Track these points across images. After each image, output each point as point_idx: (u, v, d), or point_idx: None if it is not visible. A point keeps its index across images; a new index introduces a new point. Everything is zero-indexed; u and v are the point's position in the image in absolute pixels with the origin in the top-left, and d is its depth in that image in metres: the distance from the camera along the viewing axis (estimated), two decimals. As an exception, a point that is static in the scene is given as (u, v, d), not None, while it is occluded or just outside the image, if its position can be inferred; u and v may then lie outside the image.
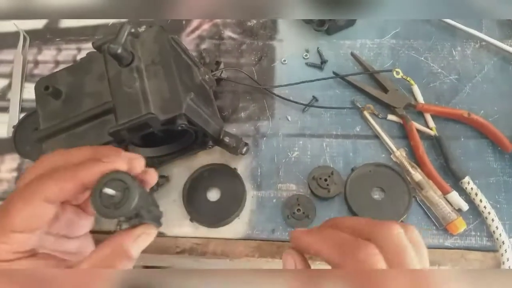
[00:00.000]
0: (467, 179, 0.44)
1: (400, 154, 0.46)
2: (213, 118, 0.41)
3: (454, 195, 0.44)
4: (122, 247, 0.28)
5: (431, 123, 0.48)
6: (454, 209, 0.44)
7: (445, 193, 0.44)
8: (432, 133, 0.47)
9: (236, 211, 0.45)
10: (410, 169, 0.45)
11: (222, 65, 0.50)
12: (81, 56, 0.55)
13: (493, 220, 0.43)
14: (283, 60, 0.53)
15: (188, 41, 0.54)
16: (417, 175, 0.45)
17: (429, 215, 0.44)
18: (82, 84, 0.38)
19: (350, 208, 0.45)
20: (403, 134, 0.48)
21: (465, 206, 0.44)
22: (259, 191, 0.47)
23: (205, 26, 0.55)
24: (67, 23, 0.57)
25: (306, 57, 0.53)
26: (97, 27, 0.56)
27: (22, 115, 0.52)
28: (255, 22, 0.55)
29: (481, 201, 0.43)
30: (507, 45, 0.51)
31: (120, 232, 0.30)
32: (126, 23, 0.35)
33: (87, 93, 0.38)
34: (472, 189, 0.44)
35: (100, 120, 0.36)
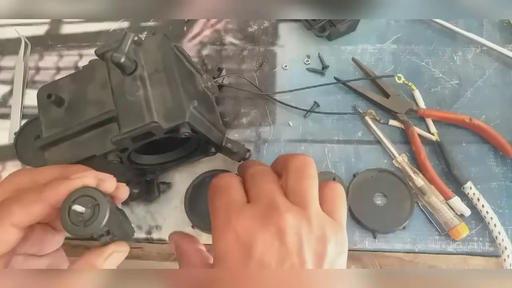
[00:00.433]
0: (469, 184, 0.45)
1: (402, 160, 0.46)
2: (216, 125, 0.41)
3: (456, 201, 0.44)
4: (94, 266, 0.28)
5: (432, 128, 0.48)
6: (456, 214, 0.44)
7: (447, 198, 0.44)
8: (434, 138, 0.47)
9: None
10: (412, 174, 0.45)
11: (224, 72, 0.50)
12: (82, 62, 0.55)
13: (495, 225, 0.43)
14: (284, 65, 0.53)
15: (189, 47, 0.54)
16: (419, 180, 0.45)
17: (432, 220, 0.45)
18: (85, 92, 0.38)
19: (352, 214, 0.45)
20: (405, 140, 0.48)
21: (467, 212, 0.44)
22: (261, 197, 0.47)
23: (207, 32, 0.55)
24: (68, 29, 0.57)
25: (307, 63, 0.53)
26: (98, 33, 0.56)
27: (24, 121, 0.52)
28: (256, 27, 0.55)
29: (483, 206, 0.43)
30: (508, 50, 0.51)
31: (91, 250, 0.29)
32: (129, 31, 0.35)
33: (89, 101, 0.38)
34: (474, 194, 0.44)
35: (103, 128, 0.36)
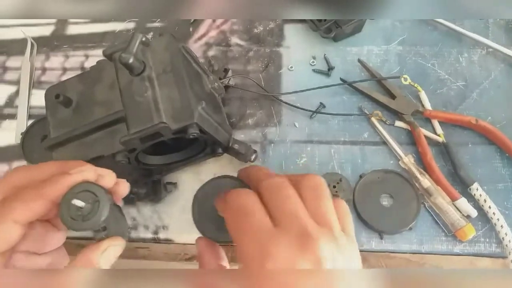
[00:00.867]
0: (475, 185, 0.45)
1: (408, 161, 0.46)
2: (223, 126, 0.41)
3: (462, 202, 0.44)
4: (91, 261, 0.28)
5: (438, 129, 0.48)
6: (463, 215, 0.44)
7: (453, 199, 0.44)
8: (440, 139, 0.47)
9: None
10: (419, 175, 0.45)
11: (230, 73, 0.50)
12: (88, 63, 0.55)
13: (502, 226, 0.43)
14: (290, 66, 0.53)
15: (195, 48, 0.55)
16: (426, 181, 0.45)
17: (438, 221, 0.45)
18: (93, 93, 0.38)
19: (359, 215, 0.45)
20: (411, 141, 0.48)
21: (473, 213, 0.44)
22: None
23: (212, 33, 0.55)
24: (74, 30, 0.57)
25: (313, 64, 0.53)
26: (104, 34, 0.57)
27: (30, 122, 0.52)
28: (262, 28, 0.55)
29: (489, 207, 0.43)
30: (513, 51, 0.51)
31: (87, 247, 0.29)
32: (137, 31, 0.35)
33: (97, 101, 0.38)
34: (480, 195, 0.44)
35: (111, 129, 0.36)
